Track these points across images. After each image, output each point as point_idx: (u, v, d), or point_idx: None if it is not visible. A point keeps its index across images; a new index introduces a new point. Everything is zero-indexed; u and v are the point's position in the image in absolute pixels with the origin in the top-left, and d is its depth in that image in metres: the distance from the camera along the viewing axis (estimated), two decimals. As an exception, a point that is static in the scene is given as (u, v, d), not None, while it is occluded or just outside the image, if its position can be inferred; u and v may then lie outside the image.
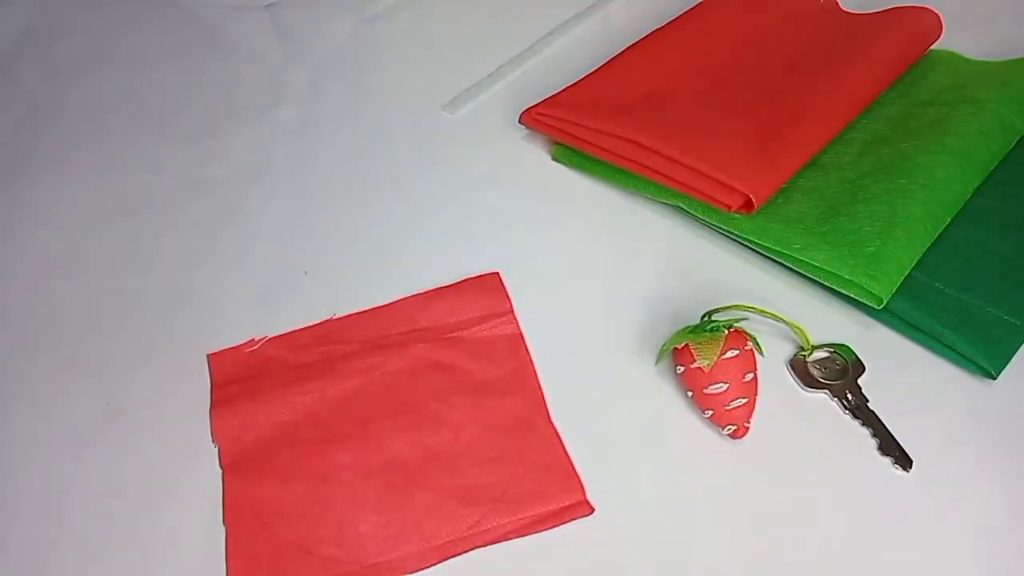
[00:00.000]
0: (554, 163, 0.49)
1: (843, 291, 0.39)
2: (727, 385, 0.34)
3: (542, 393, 0.39)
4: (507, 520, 0.35)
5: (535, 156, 0.50)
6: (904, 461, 0.35)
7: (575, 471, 0.36)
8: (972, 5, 0.53)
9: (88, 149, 0.52)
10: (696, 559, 0.32)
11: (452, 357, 0.41)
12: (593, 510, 0.34)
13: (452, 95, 0.54)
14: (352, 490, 0.36)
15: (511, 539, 0.34)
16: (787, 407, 0.37)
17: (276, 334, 0.41)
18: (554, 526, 0.34)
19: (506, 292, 0.43)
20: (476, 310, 0.43)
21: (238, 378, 0.40)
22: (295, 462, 0.37)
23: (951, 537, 0.33)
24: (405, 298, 0.43)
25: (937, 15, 0.51)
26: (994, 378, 0.37)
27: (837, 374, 0.38)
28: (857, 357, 0.38)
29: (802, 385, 0.38)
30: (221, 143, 0.51)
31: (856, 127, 0.47)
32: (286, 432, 0.38)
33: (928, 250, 0.40)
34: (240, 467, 0.37)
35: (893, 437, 0.35)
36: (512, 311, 0.42)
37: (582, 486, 0.35)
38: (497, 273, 0.44)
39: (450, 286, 0.43)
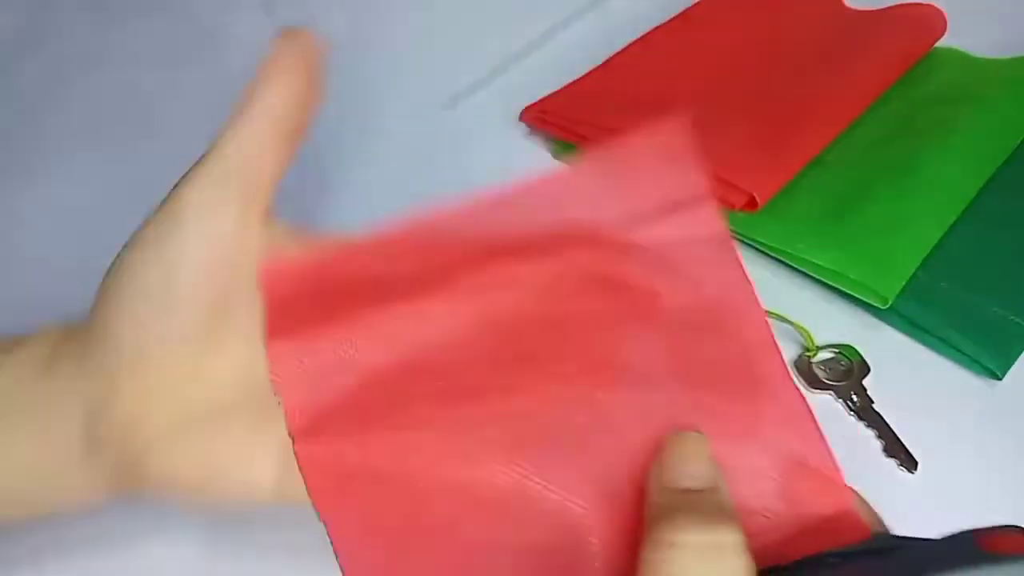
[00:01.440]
0: (556, 161, 0.49)
1: (848, 291, 0.39)
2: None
3: (770, 332, 0.25)
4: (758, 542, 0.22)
5: (537, 154, 0.50)
6: (910, 463, 0.34)
7: (836, 464, 0.24)
8: (977, 2, 0.52)
9: (87, 148, 0.51)
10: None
11: (625, 272, 0.26)
12: (869, 531, 0.24)
13: (452, 92, 0.54)
14: (489, 486, 0.23)
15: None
16: (791, 408, 0.37)
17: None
18: (820, 549, 0.23)
19: (699, 161, 0.28)
20: (657, 192, 0.27)
21: (304, 295, 0.26)
22: (403, 428, 0.24)
23: (957, 539, 0.33)
24: (542, 179, 0.28)
25: (942, 12, 0.51)
26: (1000, 379, 0.37)
27: (842, 375, 0.37)
28: (862, 358, 0.38)
29: (807, 386, 0.37)
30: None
31: (860, 125, 0.47)
32: (384, 378, 0.24)
33: (934, 249, 0.40)
34: (321, 433, 0.24)
35: (898, 438, 0.35)
36: (711, 194, 0.27)
37: (851, 490, 0.25)
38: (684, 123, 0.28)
39: (616, 148, 0.28)
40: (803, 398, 0.25)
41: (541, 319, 0.26)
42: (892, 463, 0.35)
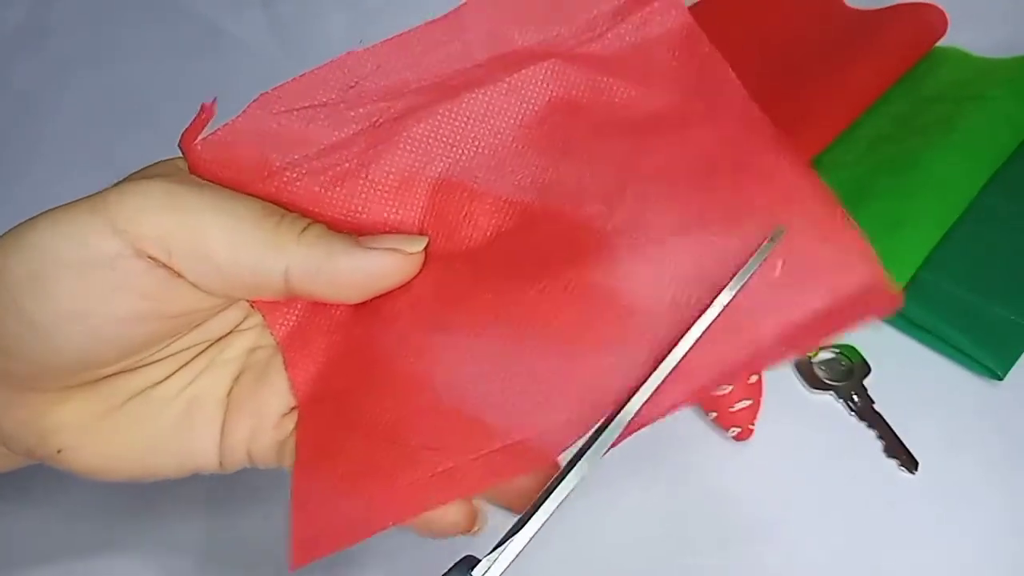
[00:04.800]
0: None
1: (848, 291, 0.39)
2: (732, 387, 0.34)
3: (758, 111, 0.24)
4: (748, 335, 0.21)
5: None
6: (910, 463, 0.34)
7: (856, 235, 0.22)
8: (978, 2, 0.52)
9: (84, 146, 0.51)
10: (699, 562, 0.32)
11: (585, 84, 0.25)
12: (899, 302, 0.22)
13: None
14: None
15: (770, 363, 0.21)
16: (792, 409, 0.37)
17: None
18: (838, 330, 0.21)
19: None
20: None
21: (235, 174, 0.25)
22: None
23: (958, 539, 0.33)
24: (469, 5, 0.26)
25: (942, 11, 0.51)
26: (1001, 379, 0.37)
27: (843, 375, 0.37)
28: (863, 358, 0.38)
29: (807, 386, 0.37)
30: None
31: (861, 124, 0.47)
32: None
33: (935, 249, 0.40)
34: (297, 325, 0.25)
35: (899, 439, 0.35)
36: None
37: (875, 256, 0.22)
38: None
39: None
40: (808, 171, 0.23)
41: (486, 153, 0.25)
42: (893, 463, 0.35)
